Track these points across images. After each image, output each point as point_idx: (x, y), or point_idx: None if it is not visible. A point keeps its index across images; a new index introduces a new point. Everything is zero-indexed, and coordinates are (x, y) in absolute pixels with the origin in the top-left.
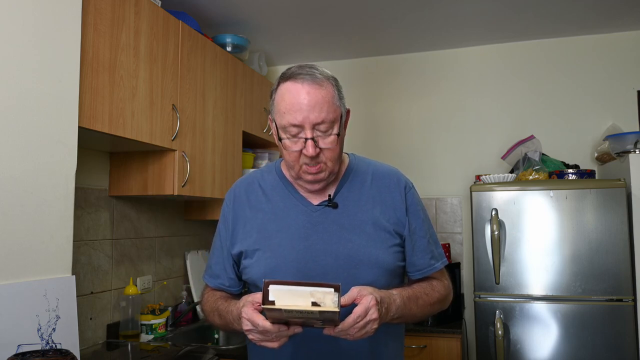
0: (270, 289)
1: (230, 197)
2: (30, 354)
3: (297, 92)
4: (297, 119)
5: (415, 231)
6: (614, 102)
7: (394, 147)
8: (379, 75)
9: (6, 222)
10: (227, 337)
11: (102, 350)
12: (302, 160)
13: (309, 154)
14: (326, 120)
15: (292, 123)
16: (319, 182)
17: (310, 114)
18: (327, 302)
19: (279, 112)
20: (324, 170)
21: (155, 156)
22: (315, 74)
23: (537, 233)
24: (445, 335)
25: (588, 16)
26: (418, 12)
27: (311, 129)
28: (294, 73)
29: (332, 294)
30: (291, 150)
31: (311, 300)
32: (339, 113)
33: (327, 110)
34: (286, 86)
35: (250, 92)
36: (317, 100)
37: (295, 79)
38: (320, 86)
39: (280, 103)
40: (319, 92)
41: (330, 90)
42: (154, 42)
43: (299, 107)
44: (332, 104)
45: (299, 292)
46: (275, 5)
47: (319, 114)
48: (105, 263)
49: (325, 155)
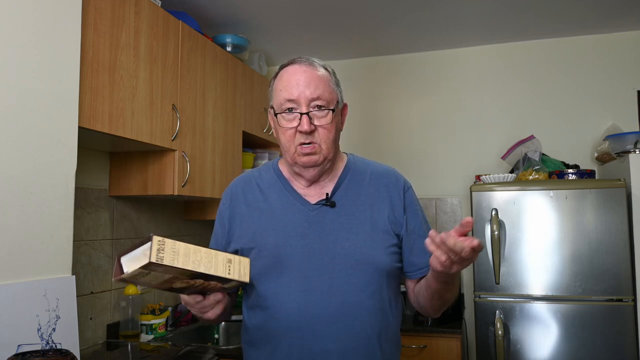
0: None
1: (227, 195)
2: (30, 354)
3: (294, 71)
4: (293, 94)
5: (413, 230)
6: (614, 102)
7: (393, 147)
8: (379, 75)
9: (6, 222)
10: (227, 337)
11: (102, 350)
12: (297, 140)
13: (304, 129)
14: (322, 97)
15: (287, 98)
16: (314, 167)
17: (306, 90)
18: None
19: (276, 90)
20: (319, 152)
21: (155, 156)
22: (312, 59)
23: (537, 233)
24: (445, 335)
25: (588, 16)
26: (418, 12)
27: (306, 105)
28: (293, 60)
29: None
30: (286, 127)
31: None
32: (335, 96)
33: (322, 89)
34: (285, 69)
35: (250, 92)
36: (312, 77)
37: (292, 63)
38: (316, 68)
39: (278, 82)
40: (315, 72)
41: (326, 74)
42: (154, 42)
43: (296, 82)
44: (327, 85)
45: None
46: (275, 5)
47: (314, 90)
48: (105, 263)
49: (319, 135)
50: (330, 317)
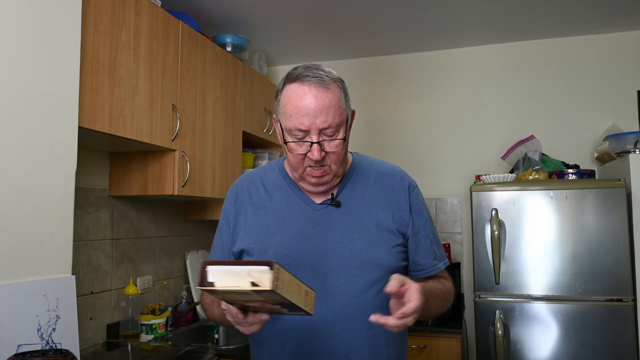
0: (209, 269)
1: (232, 194)
2: (30, 354)
3: (304, 95)
4: (304, 123)
5: (418, 231)
6: (614, 102)
7: (393, 147)
8: (379, 76)
9: (6, 222)
10: (227, 337)
11: (102, 350)
12: (307, 163)
13: (315, 157)
14: (332, 125)
15: (298, 127)
16: (322, 185)
17: (316, 119)
18: (264, 281)
19: (285, 114)
20: (328, 173)
21: (155, 156)
22: (322, 76)
23: (537, 233)
24: (445, 335)
25: (588, 16)
26: (418, 12)
27: (317, 134)
28: (301, 75)
29: (269, 272)
30: (296, 153)
31: (249, 280)
32: (345, 116)
33: (333, 115)
34: (292, 88)
35: (250, 92)
36: (324, 105)
37: (302, 81)
38: (327, 89)
39: (287, 105)
40: (326, 96)
41: (337, 94)
42: (154, 42)
43: (306, 111)
44: (338, 108)
45: (237, 272)
46: (275, 5)
47: (325, 118)
48: (105, 263)
49: (330, 159)
50: (336, 317)
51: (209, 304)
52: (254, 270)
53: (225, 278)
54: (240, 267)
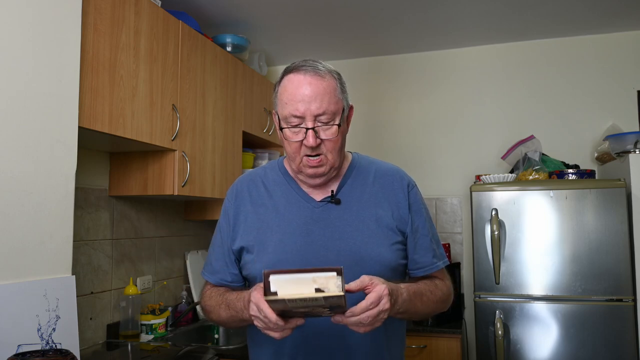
0: (271, 279)
1: (232, 193)
2: (30, 354)
3: (299, 82)
4: (299, 109)
5: (417, 229)
6: (614, 102)
7: (393, 147)
8: (379, 75)
9: (6, 222)
10: (227, 337)
11: (102, 350)
12: (303, 152)
13: (310, 144)
14: (327, 112)
15: (293, 114)
16: (320, 177)
17: (311, 105)
18: (330, 287)
19: (281, 102)
20: (325, 163)
21: (155, 156)
22: (317, 66)
23: (537, 233)
24: (445, 335)
25: (588, 16)
26: (418, 12)
27: (312, 120)
28: (297, 65)
29: (335, 277)
30: (292, 140)
31: (314, 286)
32: (340, 106)
33: (328, 102)
34: (289, 77)
35: (250, 92)
36: (318, 91)
37: (298, 70)
38: (322, 78)
39: (283, 93)
40: (321, 84)
41: (332, 83)
42: (154, 42)
43: (301, 97)
44: (333, 96)
45: (300, 279)
46: (275, 5)
47: (320, 104)
48: (105, 263)
49: (325, 147)
50: None
51: (214, 306)
52: (319, 276)
53: (289, 286)
54: (303, 275)
